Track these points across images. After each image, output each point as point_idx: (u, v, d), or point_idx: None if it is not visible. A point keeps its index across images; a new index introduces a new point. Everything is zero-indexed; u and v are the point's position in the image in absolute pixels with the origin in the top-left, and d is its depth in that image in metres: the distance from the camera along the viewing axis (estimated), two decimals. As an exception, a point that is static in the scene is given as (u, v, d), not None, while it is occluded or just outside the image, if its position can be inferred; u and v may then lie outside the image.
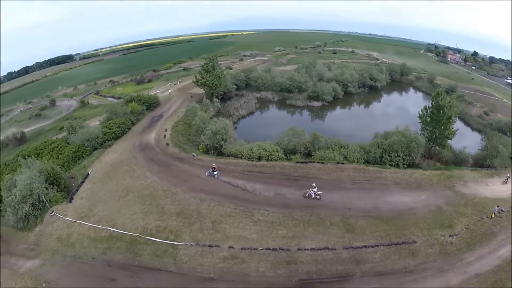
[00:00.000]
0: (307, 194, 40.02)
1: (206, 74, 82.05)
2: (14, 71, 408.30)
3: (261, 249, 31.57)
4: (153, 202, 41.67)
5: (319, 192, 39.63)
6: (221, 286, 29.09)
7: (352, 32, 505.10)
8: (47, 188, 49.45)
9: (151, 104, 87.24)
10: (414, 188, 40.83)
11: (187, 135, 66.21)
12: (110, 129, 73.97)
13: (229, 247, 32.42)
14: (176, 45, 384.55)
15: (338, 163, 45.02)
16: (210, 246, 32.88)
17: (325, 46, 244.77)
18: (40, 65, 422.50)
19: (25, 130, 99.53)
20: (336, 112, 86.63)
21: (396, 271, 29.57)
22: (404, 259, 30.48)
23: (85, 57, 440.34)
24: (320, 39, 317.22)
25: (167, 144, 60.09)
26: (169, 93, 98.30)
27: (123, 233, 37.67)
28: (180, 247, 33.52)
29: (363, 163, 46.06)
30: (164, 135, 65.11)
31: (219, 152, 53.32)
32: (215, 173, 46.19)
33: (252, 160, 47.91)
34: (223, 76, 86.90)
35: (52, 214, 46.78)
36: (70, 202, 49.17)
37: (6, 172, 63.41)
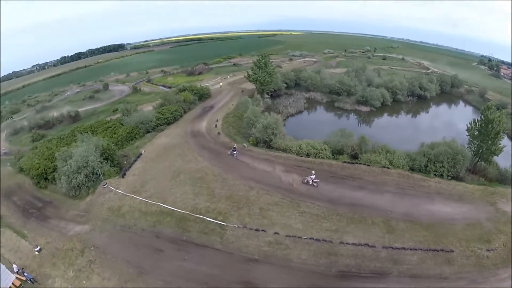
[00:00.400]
0: (305, 181, 48.16)
1: (259, 70, 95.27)
2: (68, 55, 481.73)
3: (304, 238, 37.30)
4: (203, 184, 50.14)
5: (316, 180, 47.62)
6: (264, 268, 34.84)
7: (403, 39, 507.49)
8: (101, 162, 60.72)
9: (203, 95, 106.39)
10: (456, 200, 44.67)
11: (237, 127, 78.05)
12: (163, 114, 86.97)
13: (275, 233, 38.53)
14: (225, 41, 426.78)
15: (384, 167, 50.96)
16: (256, 230, 39.22)
17: (374, 51, 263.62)
18: (93, 52, 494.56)
19: (79, 109, 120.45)
20: (384, 118, 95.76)
21: (431, 276, 33.23)
22: (440, 266, 34.08)
23: (135, 47, 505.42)
24: (370, 43, 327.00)
25: (218, 133, 71.76)
26: (220, 86, 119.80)
27: (173, 209, 45.71)
28: (227, 228, 40.35)
29: (408, 170, 51.63)
30: (216, 125, 77.82)
31: (268, 145, 62.34)
32: (235, 153, 58.15)
33: (301, 156, 55.77)
34: (275, 73, 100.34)
35: (105, 186, 56.95)
36: (123, 177, 59.61)
37: (61, 145, 77.78)
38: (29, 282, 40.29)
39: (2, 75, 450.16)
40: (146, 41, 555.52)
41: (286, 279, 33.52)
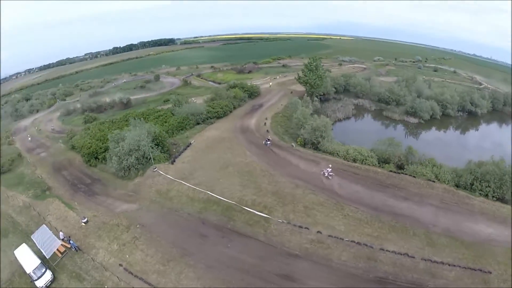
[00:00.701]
0: (322, 172, 53.55)
1: (309, 72, 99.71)
2: (119, 46, 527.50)
3: (346, 240, 38.82)
4: (251, 178, 53.85)
5: (331, 173, 52.85)
6: (304, 264, 36.44)
7: (455, 50, 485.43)
8: (152, 147, 64.88)
9: (253, 93, 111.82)
10: (499, 222, 44.10)
11: (285, 127, 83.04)
12: (213, 108, 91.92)
13: (318, 231, 40.56)
14: (274, 42, 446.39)
15: (429, 180, 51.50)
16: (300, 227, 41.47)
17: (425, 61, 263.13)
18: (144, 44, 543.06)
19: (131, 97, 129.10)
20: (431, 131, 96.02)
21: (466, 294, 33.41)
22: (476, 285, 34.04)
23: (186, 42, 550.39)
24: (421, 53, 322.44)
25: (267, 131, 76.45)
26: (270, 86, 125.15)
27: (220, 198, 49.20)
28: (272, 221, 42.94)
29: (453, 186, 51.88)
30: (265, 123, 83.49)
31: (315, 147, 65.17)
32: (269, 143, 66.99)
33: (348, 161, 58.09)
34: (325, 77, 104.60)
35: (154, 170, 61.03)
36: (172, 163, 63.76)
37: (113, 128, 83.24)
38: (73, 249, 44.02)
39: (55, 61, 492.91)
40: (196, 37, 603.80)
41: (324, 278, 34.94)
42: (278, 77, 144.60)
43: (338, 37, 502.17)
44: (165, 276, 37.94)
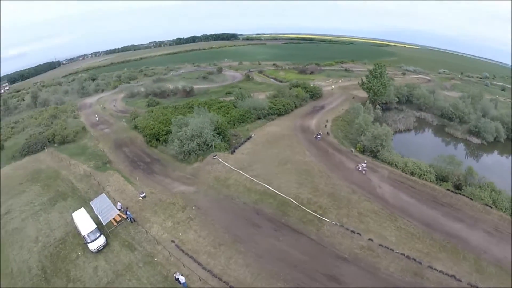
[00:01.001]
0: (357, 167, 57.97)
1: (374, 79, 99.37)
2: (183, 38, 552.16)
3: (396, 252, 38.90)
4: (308, 177, 55.35)
5: (365, 168, 57.37)
6: (352, 268, 37.02)
7: None
8: (214, 136, 67.74)
9: (315, 94, 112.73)
10: None
11: (345, 131, 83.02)
12: (275, 105, 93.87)
13: (369, 239, 40.96)
14: (337, 44, 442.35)
15: (486, 205, 49.80)
16: (352, 231, 42.20)
17: (493, 79, 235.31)
18: (206, 38, 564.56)
19: (194, 86, 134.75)
20: (494, 155, 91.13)
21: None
22: None
23: (248, 38, 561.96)
24: (489, 69, 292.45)
25: (328, 133, 77.93)
26: (332, 89, 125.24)
27: (276, 193, 51.21)
28: (325, 222, 44.19)
29: (510, 214, 49.47)
30: (325, 125, 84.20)
31: (374, 155, 65.46)
32: (319, 137, 72.74)
33: (405, 173, 57.74)
34: (389, 85, 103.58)
35: (214, 157, 63.60)
36: (232, 153, 66.26)
37: (176, 113, 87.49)
38: (128, 220, 47.16)
39: (120, 46, 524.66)
40: (258, 34, 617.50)
41: (369, 285, 35.20)
42: (340, 80, 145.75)
43: (403, 45, 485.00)
44: (215, 259, 39.66)
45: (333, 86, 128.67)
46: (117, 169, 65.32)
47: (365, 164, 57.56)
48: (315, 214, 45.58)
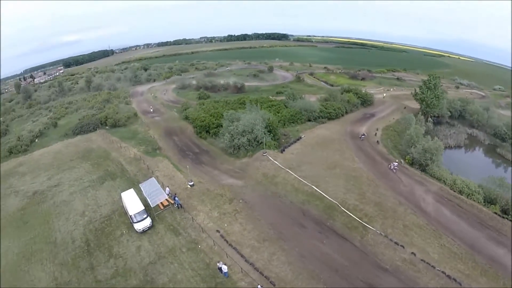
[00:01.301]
0: (389, 166, 59.97)
1: (427, 90, 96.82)
2: (234, 35, 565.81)
3: (437, 270, 37.81)
4: (356, 184, 54.72)
5: (396, 167, 59.92)
6: (391, 280, 36.52)
7: None
8: (265, 133, 68.42)
9: (366, 101, 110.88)
10: None
11: (395, 142, 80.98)
12: (326, 108, 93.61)
13: (412, 253, 40.15)
14: (389, 51, 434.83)
15: None
16: (396, 243, 41.59)
17: None
18: (257, 36, 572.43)
19: (245, 83, 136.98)
20: None
21: None
22: None
23: (299, 39, 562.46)
24: None
25: (378, 142, 76.74)
26: (383, 97, 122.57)
27: (324, 195, 50.79)
28: (370, 230, 43.63)
29: None
30: (375, 133, 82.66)
31: (423, 169, 63.75)
32: (363, 136, 74.37)
33: (454, 191, 55.69)
34: (442, 98, 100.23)
35: (264, 154, 64.23)
36: (282, 152, 66.74)
37: (227, 108, 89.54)
38: (175, 206, 48.60)
39: (172, 39, 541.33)
40: (309, 36, 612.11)
41: None
42: (392, 89, 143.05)
43: (457, 57, 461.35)
44: (258, 253, 40.09)
45: (384, 94, 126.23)
46: (167, 156, 67.59)
47: (397, 164, 59.97)
48: (360, 221, 45.29)
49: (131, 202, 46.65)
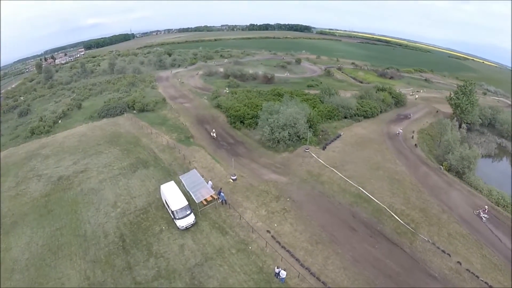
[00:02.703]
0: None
1: (463, 96, 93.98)
2: (256, 24, 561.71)
3: (481, 280, 37.59)
4: (400, 188, 53.23)
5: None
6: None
7: None
8: (306, 128, 65.10)
9: (399, 102, 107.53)
10: None
11: (429, 146, 78.61)
12: (362, 106, 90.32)
13: (457, 262, 39.76)
14: (414, 51, 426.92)
15: None
16: (443, 251, 41.11)
17: None
18: (280, 26, 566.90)
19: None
20: None
21: None
22: None
23: (322, 32, 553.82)
24: None
25: (416, 145, 74.16)
26: (415, 99, 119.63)
27: (371, 198, 49.36)
28: (417, 237, 42.51)
29: None
30: (412, 136, 79.96)
31: (459, 176, 62.71)
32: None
33: (491, 201, 54.98)
34: (476, 105, 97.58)
35: (307, 150, 61.69)
36: (323, 149, 64.15)
37: (260, 98, 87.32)
38: (220, 201, 45.62)
39: (194, 26, 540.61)
40: (331, 29, 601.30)
41: None
42: (422, 91, 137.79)
43: (482, 61, 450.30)
44: (313, 257, 37.88)
45: (417, 96, 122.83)
46: (202, 145, 64.76)
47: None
48: (408, 227, 44.09)
49: (173, 196, 43.32)
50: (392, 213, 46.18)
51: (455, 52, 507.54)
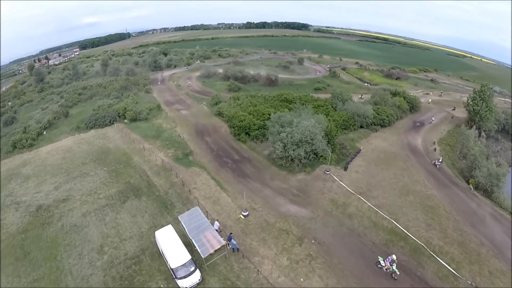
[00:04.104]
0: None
1: (481, 102, 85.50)
2: (253, 22, 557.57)
3: None
4: (435, 218, 45.38)
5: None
6: None
7: None
8: (325, 144, 55.23)
9: (413, 107, 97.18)
10: None
11: (451, 158, 70.00)
12: (379, 114, 79.86)
13: None
14: (413, 48, 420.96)
15: None
16: None
17: None
18: (277, 25, 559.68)
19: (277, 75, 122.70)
20: None
21: None
22: None
23: (319, 30, 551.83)
24: None
25: (441, 161, 64.32)
26: (429, 103, 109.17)
27: (407, 233, 41.21)
28: (460, 280, 35.84)
29: None
30: (435, 148, 71.25)
31: (487, 195, 55.72)
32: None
33: None
34: (494, 111, 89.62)
35: (327, 172, 52.22)
36: (345, 170, 54.50)
37: (266, 105, 77.73)
38: (230, 248, 35.76)
39: (190, 24, 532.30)
40: (328, 27, 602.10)
41: None
42: (431, 93, 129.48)
43: (479, 58, 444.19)
44: None
45: (430, 100, 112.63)
46: (203, 165, 55.25)
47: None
48: (449, 267, 36.92)
49: (172, 248, 33.47)
50: (431, 252, 38.46)
51: (453, 49, 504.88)
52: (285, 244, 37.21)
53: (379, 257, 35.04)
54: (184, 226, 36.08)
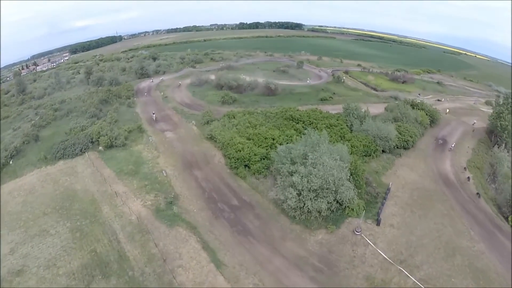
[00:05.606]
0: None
1: (508, 115, 75.78)
2: (246, 23, 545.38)
3: None
4: (486, 284, 35.06)
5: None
6: None
7: None
8: (352, 188, 41.67)
9: (433, 120, 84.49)
10: None
11: (484, 186, 57.43)
12: (401, 135, 66.25)
13: None
14: (409, 47, 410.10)
15: None
16: None
17: None
18: (270, 25, 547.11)
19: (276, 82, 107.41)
20: None
21: None
22: None
23: (313, 29, 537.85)
24: None
25: (478, 195, 52.86)
26: (446, 114, 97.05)
27: None
28: None
29: None
30: (468, 178, 58.62)
31: None
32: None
33: None
34: None
35: (358, 232, 39.22)
36: (378, 224, 41.26)
37: (269, 125, 64.55)
38: None
39: (182, 26, 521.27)
40: (321, 26, 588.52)
41: None
42: (443, 99, 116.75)
43: (474, 55, 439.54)
44: None
45: (447, 110, 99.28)
46: (191, 219, 41.83)
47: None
48: None
49: None
50: None
51: (447, 46, 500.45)
52: None
53: None
54: None
